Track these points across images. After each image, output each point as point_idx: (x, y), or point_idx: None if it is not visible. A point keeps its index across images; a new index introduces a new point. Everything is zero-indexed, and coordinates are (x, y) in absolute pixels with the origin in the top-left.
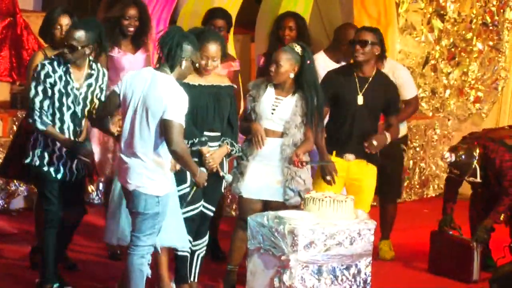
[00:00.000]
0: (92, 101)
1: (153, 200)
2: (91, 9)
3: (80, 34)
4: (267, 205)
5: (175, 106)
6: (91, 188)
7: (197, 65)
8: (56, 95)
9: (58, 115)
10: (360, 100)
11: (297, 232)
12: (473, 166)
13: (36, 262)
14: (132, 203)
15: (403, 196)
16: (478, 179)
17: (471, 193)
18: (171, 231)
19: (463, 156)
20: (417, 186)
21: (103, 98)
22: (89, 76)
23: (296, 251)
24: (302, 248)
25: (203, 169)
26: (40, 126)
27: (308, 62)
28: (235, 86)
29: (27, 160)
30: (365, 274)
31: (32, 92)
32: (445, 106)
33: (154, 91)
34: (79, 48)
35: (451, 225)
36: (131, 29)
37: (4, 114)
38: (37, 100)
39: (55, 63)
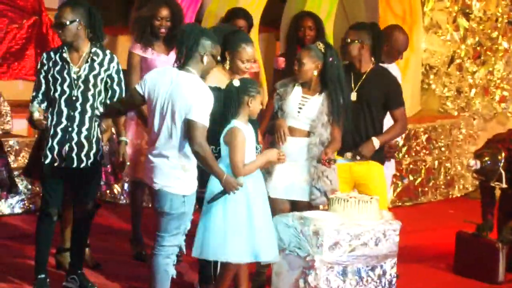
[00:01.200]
0: (96, 85)
1: (179, 200)
2: (116, 8)
3: (66, 10)
4: (295, 205)
5: (200, 106)
6: (116, 189)
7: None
8: (51, 81)
9: (52, 102)
10: (353, 96)
11: (322, 232)
12: (499, 171)
13: (61, 261)
14: (158, 203)
15: (428, 196)
16: (504, 184)
17: (500, 194)
18: (265, 244)
19: (488, 162)
20: (442, 186)
21: (116, 88)
22: (91, 59)
23: (321, 252)
24: (327, 249)
25: (239, 179)
26: (30, 110)
27: (331, 59)
28: None
29: (43, 160)
30: (390, 275)
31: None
32: (471, 106)
33: (180, 90)
34: (67, 23)
35: (490, 231)
36: (163, 30)
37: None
38: (33, 91)
39: (52, 52)
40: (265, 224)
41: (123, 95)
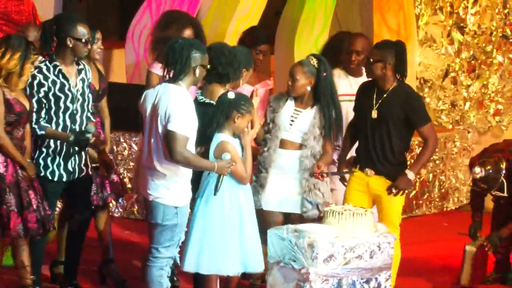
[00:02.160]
0: (88, 96)
1: (171, 211)
2: (111, 22)
3: (86, 27)
4: (287, 218)
5: (178, 116)
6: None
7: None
8: (52, 100)
9: (54, 119)
10: (374, 114)
11: (316, 245)
12: (501, 180)
13: (57, 274)
14: (151, 214)
15: (423, 209)
16: (505, 193)
17: (494, 206)
18: (253, 255)
19: (491, 171)
20: (437, 199)
21: (90, 95)
22: (80, 71)
23: (315, 265)
24: (321, 261)
25: (224, 156)
26: (39, 132)
27: (324, 74)
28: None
29: (51, 177)
30: (385, 287)
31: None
32: (465, 119)
33: (162, 101)
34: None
35: (479, 229)
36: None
37: None
38: (35, 113)
39: (45, 69)
40: (253, 234)
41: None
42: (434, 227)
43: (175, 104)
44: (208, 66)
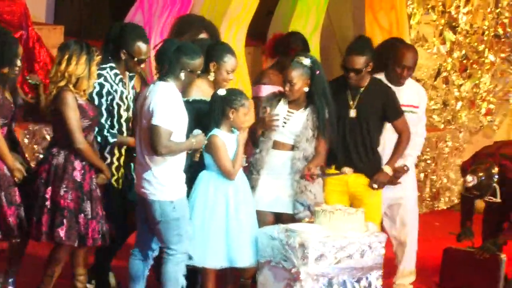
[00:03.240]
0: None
1: (168, 206)
2: (102, 17)
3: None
4: (279, 218)
5: (160, 110)
6: None
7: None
8: (115, 109)
9: (116, 126)
10: (352, 113)
11: (307, 244)
12: (493, 186)
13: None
14: (150, 213)
15: None
16: (498, 199)
17: (485, 206)
18: (242, 250)
19: (483, 178)
20: (428, 199)
21: None
22: (131, 78)
23: (306, 264)
24: (312, 261)
25: (195, 132)
26: (111, 140)
27: (318, 72)
28: None
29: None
30: (376, 286)
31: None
32: (457, 119)
33: (149, 97)
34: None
35: (470, 237)
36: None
37: (16, 127)
38: (102, 120)
39: (109, 78)
40: (242, 230)
41: None
42: (425, 226)
43: (159, 99)
44: (198, 72)
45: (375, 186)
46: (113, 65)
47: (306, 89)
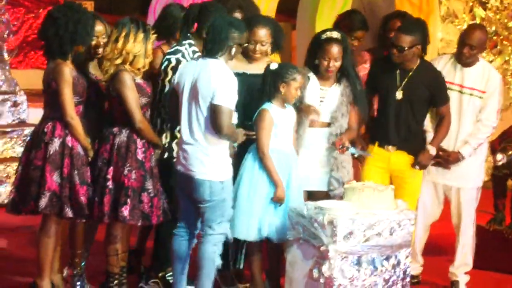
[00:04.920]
0: None
1: (218, 186)
2: (131, 2)
3: None
4: (311, 195)
5: (223, 90)
6: None
7: (245, 45)
8: None
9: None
10: (399, 95)
11: (336, 222)
12: None
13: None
14: (197, 192)
15: None
16: None
17: None
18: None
19: None
20: None
21: None
22: None
23: (335, 242)
24: (341, 239)
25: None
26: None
27: (347, 45)
28: None
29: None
30: (405, 264)
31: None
32: None
33: (203, 75)
34: None
35: (502, 222)
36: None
37: None
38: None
39: (186, 54)
40: (279, 208)
41: None
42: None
43: (218, 78)
44: (245, 44)
45: (417, 167)
46: (192, 42)
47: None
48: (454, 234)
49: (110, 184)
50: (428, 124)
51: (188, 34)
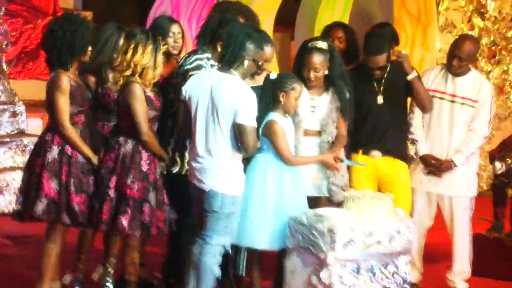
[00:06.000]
0: None
1: (229, 200)
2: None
3: None
4: (315, 202)
5: (246, 108)
6: None
7: (260, 63)
8: None
9: None
10: (380, 99)
11: (336, 230)
12: None
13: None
14: (208, 203)
15: None
16: None
17: None
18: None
19: (511, 165)
20: None
21: None
22: None
23: (334, 249)
24: (340, 246)
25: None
26: None
27: (335, 54)
28: None
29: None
30: (404, 272)
31: None
32: None
33: (222, 92)
34: None
35: (501, 230)
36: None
37: (44, 113)
38: None
39: (207, 69)
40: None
41: None
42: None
43: (240, 97)
44: (260, 63)
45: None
46: (209, 55)
47: (326, 72)
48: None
49: (111, 192)
50: (417, 132)
51: (204, 47)
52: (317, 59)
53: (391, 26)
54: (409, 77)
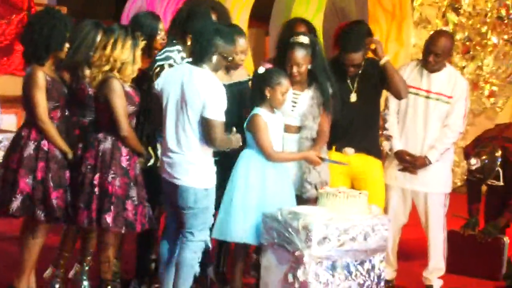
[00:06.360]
0: None
1: (202, 194)
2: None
3: None
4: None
5: (213, 103)
6: None
7: (229, 59)
8: None
9: None
10: (353, 97)
11: (311, 227)
12: (496, 169)
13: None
14: (181, 199)
15: None
16: (501, 182)
17: (487, 190)
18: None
19: (486, 161)
20: None
21: None
22: None
23: (310, 247)
24: (316, 244)
25: (234, 136)
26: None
27: (317, 48)
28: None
29: None
30: (379, 269)
31: None
32: None
33: (191, 85)
34: None
35: (475, 227)
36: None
37: (18, 109)
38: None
39: (178, 60)
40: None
41: None
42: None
43: (207, 90)
44: (229, 58)
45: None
46: (180, 48)
47: (309, 67)
48: (425, 238)
49: (96, 190)
50: (392, 128)
51: (174, 41)
52: (300, 54)
53: (366, 24)
54: (382, 61)
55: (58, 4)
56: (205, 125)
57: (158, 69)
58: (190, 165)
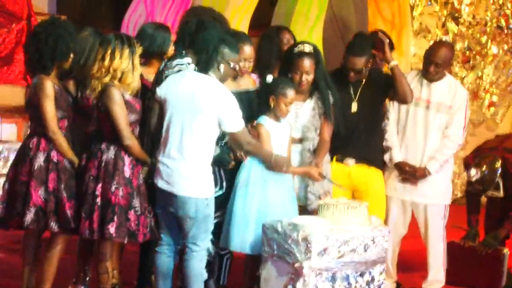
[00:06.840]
0: None
1: (202, 203)
2: (104, 7)
3: None
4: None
5: (230, 115)
6: None
7: (236, 67)
8: None
9: None
10: (354, 107)
11: (310, 238)
12: (496, 180)
13: None
14: (182, 209)
15: None
16: (501, 194)
17: (487, 201)
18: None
19: (486, 172)
20: None
21: None
22: None
23: (309, 258)
24: (315, 255)
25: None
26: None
27: (319, 57)
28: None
29: None
30: (379, 281)
31: None
32: None
33: (198, 94)
34: None
35: (475, 238)
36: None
37: (19, 119)
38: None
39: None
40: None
41: None
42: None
43: (222, 103)
44: (236, 67)
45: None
46: (189, 60)
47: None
48: (425, 249)
49: (99, 201)
50: (392, 139)
51: (183, 52)
52: (308, 62)
53: (378, 35)
54: (391, 64)
55: (57, 13)
56: (232, 138)
57: None
58: (190, 174)
